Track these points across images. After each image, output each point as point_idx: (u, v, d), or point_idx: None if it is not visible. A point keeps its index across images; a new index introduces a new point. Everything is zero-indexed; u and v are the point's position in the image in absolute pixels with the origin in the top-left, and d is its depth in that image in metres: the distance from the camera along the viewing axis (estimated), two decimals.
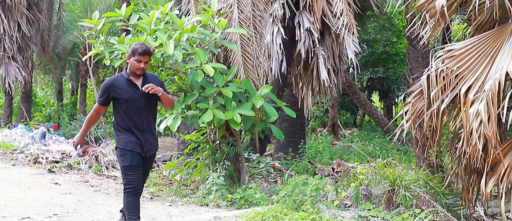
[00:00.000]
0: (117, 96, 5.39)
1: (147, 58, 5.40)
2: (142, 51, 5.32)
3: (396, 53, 23.96)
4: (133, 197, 5.47)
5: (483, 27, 6.81)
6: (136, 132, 5.42)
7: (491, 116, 5.61)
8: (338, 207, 7.42)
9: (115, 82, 5.43)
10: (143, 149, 5.47)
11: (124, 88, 5.39)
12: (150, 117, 5.56)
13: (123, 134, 5.45)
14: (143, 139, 5.46)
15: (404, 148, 15.95)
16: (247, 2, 8.53)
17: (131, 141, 5.41)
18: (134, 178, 5.44)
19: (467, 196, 6.65)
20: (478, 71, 6.03)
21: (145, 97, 5.40)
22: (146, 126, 5.51)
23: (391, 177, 7.60)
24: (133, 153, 5.41)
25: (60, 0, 21.78)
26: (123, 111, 5.42)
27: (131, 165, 5.41)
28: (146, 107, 5.47)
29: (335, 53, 11.06)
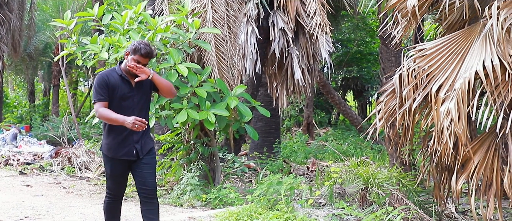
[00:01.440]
0: (111, 92, 4.92)
1: (148, 61, 4.95)
2: (145, 53, 4.85)
3: (370, 53, 24.18)
4: (112, 204, 5.21)
5: (453, 26, 6.92)
6: (126, 132, 4.90)
7: (461, 115, 5.70)
8: (312, 206, 7.48)
9: (110, 75, 4.92)
10: (132, 152, 4.94)
11: (118, 85, 4.90)
12: (142, 116, 4.98)
13: (109, 137, 4.94)
14: (133, 141, 4.92)
15: (378, 146, 16.11)
16: (221, 2, 8.54)
17: (115, 148, 4.92)
18: (113, 187, 5.14)
19: (438, 194, 6.74)
20: (449, 70, 6.11)
21: (138, 95, 4.98)
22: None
23: (364, 176, 7.69)
24: (114, 162, 4.99)
25: (31, 0, 21.50)
26: (113, 109, 4.86)
27: (111, 174, 5.07)
28: (138, 106, 4.99)
29: (309, 53, 11.12)
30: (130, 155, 4.93)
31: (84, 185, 9.77)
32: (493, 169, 5.86)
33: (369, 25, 22.42)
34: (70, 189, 9.31)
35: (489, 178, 5.89)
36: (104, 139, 5.01)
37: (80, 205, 7.90)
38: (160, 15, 8.64)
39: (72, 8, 19.59)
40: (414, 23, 6.88)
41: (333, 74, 24.51)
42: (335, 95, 18.70)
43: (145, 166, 4.99)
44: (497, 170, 5.82)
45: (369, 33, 22.89)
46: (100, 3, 10.12)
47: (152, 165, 5.07)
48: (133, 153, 4.94)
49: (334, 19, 16.70)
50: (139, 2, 8.34)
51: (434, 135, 6.02)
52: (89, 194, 8.87)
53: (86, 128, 20.33)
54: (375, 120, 6.81)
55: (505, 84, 5.63)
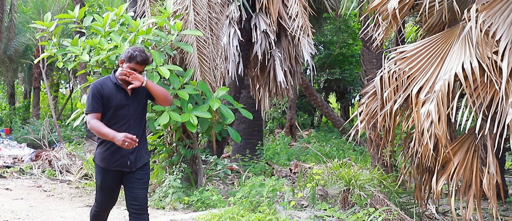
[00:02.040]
0: (105, 101, 4.63)
1: (143, 68, 4.73)
2: (140, 60, 4.62)
3: (352, 55, 24.32)
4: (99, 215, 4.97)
5: (433, 29, 7.00)
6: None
7: (441, 116, 5.77)
8: (294, 207, 7.51)
9: (104, 85, 4.66)
10: (126, 163, 4.67)
11: (113, 94, 4.63)
12: (138, 126, 4.76)
13: (103, 147, 4.69)
14: (128, 150, 4.62)
15: (360, 148, 16.21)
16: (203, 4, 8.53)
17: (108, 158, 4.67)
18: (102, 201, 4.85)
19: (419, 195, 6.81)
20: (429, 72, 6.19)
21: (134, 104, 4.72)
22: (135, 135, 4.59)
23: (346, 177, 7.73)
24: (107, 172, 4.71)
25: (11, 1, 21.31)
26: (107, 118, 4.62)
27: (102, 186, 4.78)
28: (133, 115, 4.73)
29: (292, 55, 11.16)
30: (124, 165, 4.67)
31: (65, 188, 9.70)
32: (472, 170, 5.93)
33: (351, 27, 22.54)
34: (50, 193, 9.24)
35: (468, 179, 5.97)
36: (98, 148, 4.76)
37: (60, 209, 7.85)
38: (141, 17, 8.62)
39: (52, 9, 19.45)
40: (395, 25, 6.95)
41: (316, 76, 24.64)
42: (318, 97, 18.83)
43: (137, 182, 4.74)
44: (477, 171, 5.90)
45: (351, 35, 23.02)
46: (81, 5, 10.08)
47: (144, 180, 4.81)
48: (126, 164, 4.67)
49: (316, 22, 16.77)
50: (121, 4, 8.30)
51: (415, 137, 6.08)
52: (70, 197, 8.82)
53: (67, 131, 20.19)
54: (357, 122, 6.87)
55: (483, 86, 5.71)
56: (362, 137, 9.88)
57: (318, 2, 13.94)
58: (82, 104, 8.51)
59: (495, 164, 5.75)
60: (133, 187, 4.71)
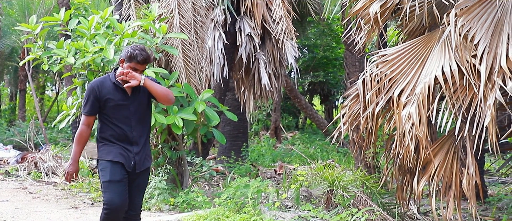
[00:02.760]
0: (104, 102, 4.46)
1: (145, 67, 4.54)
2: (141, 59, 4.43)
3: (336, 58, 24.40)
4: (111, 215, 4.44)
5: (414, 33, 7.07)
6: (123, 144, 4.49)
7: (422, 118, 5.82)
8: (279, 208, 7.52)
9: (102, 84, 4.47)
10: (130, 163, 4.49)
11: (112, 93, 4.45)
12: (140, 126, 4.57)
13: (105, 146, 4.50)
14: (131, 152, 4.49)
15: (344, 149, 16.28)
16: (188, 8, 8.54)
17: (113, 151, 4.46)
18: (114, 197, 4.39)
19: (401, 195, 6.86)
20: (410, 75, 6.24)
21: (134, 104, 4.51)
22: (136, 137, 4.54)
23: (330, 178, 7.75)
24: (115, 165, 4.45)
25: None
26: (108, 119, 4.48)
27: (111, 180, 4.41)
28: (136, 115, 4.54)
29: (276, 58, 11.19)
30: (128, 165, 4.49)
31: (51, 190, 9.63)
32: (452, 171, 5.99)
33: (334, 31, 22.63)
34: (36, 194, 9.18)
35: (448, 180, 6.02)
36: (100, 147, 4.55)
37: (46, 210, 7.80)
38: (127, 20, 8.61)
39: (38, 12, 19.31)
40: (377, 29, 6.99)
41: (300, 79, 24.69)
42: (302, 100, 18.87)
43: (136, 188, 4.61)
44: (456, 172, 5.95)
45: (335, 39, 23.11)
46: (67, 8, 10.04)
47: (142, 186, 4.71)
48: (130, 164, 4.50)
49: (300, 25, 16.81)
50: (107, 7, 8.28)
51: (397, 138, 6.13)
52: (56, 199, 8.76)
53: (53, 133, 20.06)
54: (340, 124, 6.91)
55: (463, 88, 5.77)
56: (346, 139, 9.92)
57: (301, 6, 13.97)
58: (67, 106, 8.48)
59: (474, 165, 5.81)
60: (131, 192, 4.56)
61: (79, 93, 8.28)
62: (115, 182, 4.42)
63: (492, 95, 5.47)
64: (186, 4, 8.53)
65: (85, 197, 8.88)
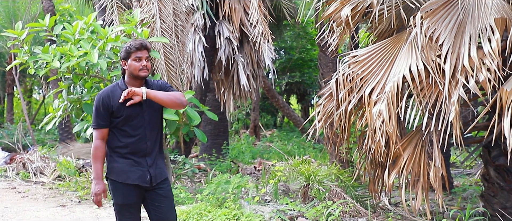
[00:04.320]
0: (115, 111, 3.89)
1: (147, 53, 3.92)
2: (138, 45, 3.87)
3: (311, 59, 24.46)
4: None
5: (383, 34, 7.13)
6: (136, 157, 3.91)
7: (392, 115, 5.87)
8: (258, 202, 7.55)
9: (111, 94, 3.89)
10: (145, 178, 3.91)
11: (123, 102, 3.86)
12: (154, 136, 4.00)
13: (117, 162, 3.91)
14: (146, 165, 3.92)
15: (319, 146, 16.35)
16: (168, 13, 8.51)
17: (125, 170, 3.89)
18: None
19: (373, 188, 6.92)
20: (380, 74, 6.29)
21: (148, 111, 3.94)
22: (150, 148, 3.96)
23: (306, 173, 7.81)
24: (127, 187, 3.90)
25: None
26: (120, 130, 3.91)
27: (124, 204, 3.93)
28: (149, 124, 3.97)
29: (254, 60, 11.21)
30: (144, 181, 3.90)
31: (39, 190, 9.53)
32: (420, 164, 6.05)
33: (309, 33, 22.68)
34: (25, 194, 9.07)
35: (417, 173, 6.08)
36: (111, 162, 3.95)
37: (35, 209, 7.72)
38: (110, 25, 8.55)
39: (24, 19, 19.06)
40: (348, 31, 7.05)
41: (277, 79, 24.72)
42: (280, 99, 18.91)
43: (164, 200, 3.97)
44: (424, 165, 6.02)
45: (310, 41, 23.16)
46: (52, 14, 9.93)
47: (170, 197, 4.06)
48: (146, 179, 3.90)
49: (277, 28, 16.84)
50: (91, 13, 8.22)
51: (368, 135, 6.17)
52: (44, 198, 8.67)
53: (40, 135, 19.83)
54: (315, 121, 6.94)
55: (429, 86, 5.84)
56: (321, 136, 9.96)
57: (277, 10, 14.00)
58: (54, 109, 8.40)
59: (440, 158, 5.88)
60: (160, 206, 3.96)
61: (65, 96, 8.21)
62: (127, 206, 3.94)
63: (456, 92, 5.54)
64: (167, 9, 8.50)
65: (72, 195, 8.80)
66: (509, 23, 5.68)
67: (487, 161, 6.52)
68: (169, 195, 4.05)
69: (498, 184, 6.39)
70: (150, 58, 3.95)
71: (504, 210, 6.26)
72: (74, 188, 9.34)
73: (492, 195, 6.47)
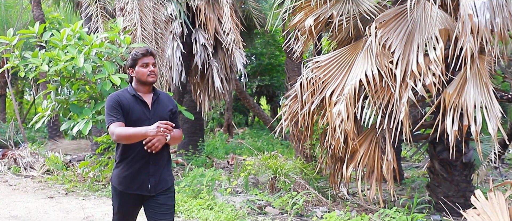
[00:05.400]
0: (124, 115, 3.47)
1: (153, 59, 3.57)
2: (144, 52, 3.53)
3: (279, 64, 24.51)
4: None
5: (342, 42, 7.19)
6: (139, 164, 3.48)
7: (350, 115, 5.93)
8: (230, 193, 7.53)
9: (121, 97, 3.50)
10: (146, 186, 3.49)
11: (132, 107, 3.48)
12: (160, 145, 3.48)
13: (119, 168, 3.52)
14: (148, 173, 3.49)
15: (286, 142, 16.39)
16: (149, 21, 8.44)
17: (126, 180, 3.48)
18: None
19: (333, 180, 6.97)
20: (339, 78, 6.35)
21: (155, 118, 3.47)
22: (154, 156, 3.48)
23: (273, 167, 7.82)
24: (124, 196, 3.54)
25: None
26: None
27: (119, 212, 3.61)
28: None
29: (227, 65, 11.19)
30: (144, 189, 3.51)
31: (29, 183, 9.34)
32: (374, 158, 6.13)
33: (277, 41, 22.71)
34: (16, 187, 8.87)
35: (371, 166, 6.16)
36: (115, 168, 3.59)
37: (25, 200, 7.56)
38: (95, 32, 8.44)
39: (16, 26, 18.65)
40: (311, 39, 7.09)
41: (249, 82, 24.71)
42: (251, 100, 18.91)
43: (159, 207, 3.56)
44: (378, 159, 6.09)
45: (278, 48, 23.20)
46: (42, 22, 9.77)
47: (168, 206, 3.59)
48: (147, 188, 3.50)
49: (248, 36, 16.81)
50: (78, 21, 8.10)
51: (329, 132, 6.22)
52: (34, 191, 8.50)
53: (31, 133, 19.43)
54: (282, 120, 6.96)
55: (382, 89, 5.91)
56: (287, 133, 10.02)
57: (248, 20, 13.99)
58: (43, 108, 8.25)
59: (392, 153, 5.97)
60: (155, 213, 3.56)
61: (53, 97, 8.07)
62: (123, 214, 3.63)
63: (406, 94, 5.63)
64: (148, 18, 8.43)
65: (60, 188, 8.65)
66: (451, 33, 5.80)
67: (433, 155, 6.64)
68: (167, 203, 3.59)
69: (442, 176, 6.51)
70: (156, 64, 3.61)
71: (446, 198, 6.39)
72: (62, 181, 9.18)
73: (437, 185, 6.59)
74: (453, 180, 6.45)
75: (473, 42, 5.39)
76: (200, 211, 6.41)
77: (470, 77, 5.56)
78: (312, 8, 6.89)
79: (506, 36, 5.61)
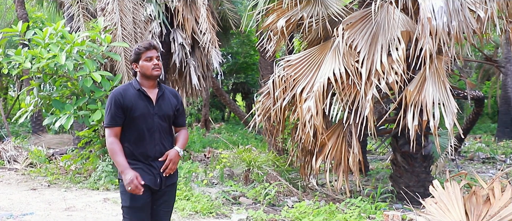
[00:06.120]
0: (126, 111, 3.21)
1: (156, 52, 3.31)
2: (146, 45, 3.29)
3: (253, 63, 24.52)
4: None
5: (312, 43, 7.22)
6: (145, 160, 3.23)
7: (319, 110, 5.97)
8: (206, 185, 7.51)
9: (125, 92, 3.24)
10: (156, 181, 3.24)
11: (136, 102, 3.22)
12: (165, 139, 3.30)
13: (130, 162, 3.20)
14: (157, 168, 3.23)
15: (260, 136, 16.40)
16: (129, 21, 8.33)
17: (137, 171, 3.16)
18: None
19: (303, 172, 7.01)
20: (309, 76, 6.37)
21: (160, 114, 3.27)
22: (159, 153, 3.25)
23: (247, 160, 7.82)
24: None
25: None
26: (130, 131, 3.23)
27: (131, 206, 3.22)
28: (160, 127, 3.28)
29: (204, 63, 11.11)
30: (154, 183, 3.25)
31: (12, 175, 9.13)
32: (342, 151, 6.18)
33: (252, 41, 22.73)
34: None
35: (339, 158, 6.20)
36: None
37: (8, 192, 7.39)
38: (77, 32, 8.29)
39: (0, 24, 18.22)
40: (283, 39, 7.10)
41: (225, 80, 24.66)
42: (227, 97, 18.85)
43: (162, 205, 3.35)
44: (344, 152, 6.14)
45: (252, 47, 23.21)
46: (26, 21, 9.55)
47: (169, 202, 3.41)
48: (157, 182, 3.25)
49: (224, 36, 16.74)
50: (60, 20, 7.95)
51: (299, 127, 6.25)
52: (17, 183, 8.31)
53: (15, 127, 19.01)
54: (255, 115, 6.96)
55: (349, 87, 5.96)
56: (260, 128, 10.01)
57: (224, 21, 13.92)
58: (26, 104, 8.08)
59: (358, 147, 6.02)
60: (159, 210, 3.37)
61: (35, 93, 7.91)
62: (136, 208, 3.24)
63: (370, 91, 5.69)
64: (128, 18, 8.32)
65: (42, 180, 8.49)
66: (412, 35, 5.87)
67: (395, 149, 6.73)
68: (169, 199, 3.41)
69: (404, 167, 6.60)
70: (160, 58, 3.37)
71: (407, 188, 6.48)
72: (44, 174, 9.01)
73: (399, 176, 6.68)
74: (414, 171, 6.54)
75: (431, 43, 5.47)
76: (178, 201, 6.36)
77: (429, 76, 5.65)
78: (283, 10, 6.90)
79: (461, 38, 5.72)
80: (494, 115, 24.89)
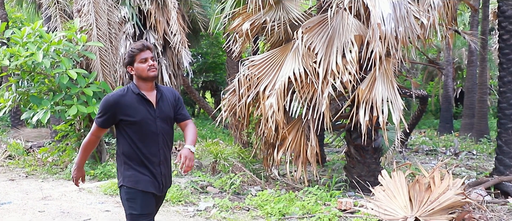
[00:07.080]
0: (126, 117, 2.89)
1: (150, 53, 2.98)
2: (140, 46, 2.95)
3: (222, 63, 24.43)
4: None
5: (275, 44, 7.23)
6: (150, 165, 2.92)
7: (280, 107, 6.00)
8: (176, 175, 7.43)
9: (122, 98, 2.90)
10: (159, 187, 2.98)
11: (135, 107, 2.90)
12: (166, 144, 2.99)
13: (132, 169, 2.91)
14: (159, 174, 2.96)
15: (227, 131, 16.36)
16: (104, 22, 8.14)
17: (143, 179, 2.90)
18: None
19: (266, 163, 7.03)
20: (271, 75, 6.39)
21: (161, 117, 2.97)
22: (163, 156, 2.96)
23: (215, 152, 7.79)
24: (145, 196, 2.91)
25: None
26: (132, 136, 2.90)
27: (142, 214, 2.90)
28: (162, 131, 2.96)
29: (175, 62, 11.02)
30: (158, 190, 2.98)
31: None
32: (300, 144, 6.23)
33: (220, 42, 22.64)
34: None
35: (298, 151, 6.25)
36: (127, 170, 2.93)
37: None
38: (54, 31, 8.06)
39: None
40: (248, 41, 7.09)
41: (195, 78, 24.48)
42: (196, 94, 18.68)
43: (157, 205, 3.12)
44: (303, 145, 6.19)
45: (220, 48, 23.13)
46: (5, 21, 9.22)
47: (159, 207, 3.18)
48: (160, 188, 2.99)
49: (195, 38, 16.60)
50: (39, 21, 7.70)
51: (262, 122, 6.26)
52: None
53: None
54: (222, 111, 6.94)
55: (307, 85, 6.01)
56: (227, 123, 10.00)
57: (194, 23, 13.81)
58: (4, 99, 7.81)
59: (315, 140, 6.08)
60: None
61: (14, 89, 7.66)
62: (145, 216, 2.93)
63: (327, 89, 5.75)
64: (103, 19, 8.13)
65: (20, 171, 8.23)
66: (364, 38, 5.96)
67: (349, 142, 6.83)
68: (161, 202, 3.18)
69: (356, 159, 6.72)
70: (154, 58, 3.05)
71: (359, 178, 6.60)
72: (22, 166, 8.73)
73: (352, 167, 6.78)
74: (365, 162, 6.66)
75: (381, 46, 5.58)
76: None
77: (379, 76, 5.76)
78: (248, 14, 6.89)
79: (407, 42, 5.85)
80: (436, 112, 25.64)
